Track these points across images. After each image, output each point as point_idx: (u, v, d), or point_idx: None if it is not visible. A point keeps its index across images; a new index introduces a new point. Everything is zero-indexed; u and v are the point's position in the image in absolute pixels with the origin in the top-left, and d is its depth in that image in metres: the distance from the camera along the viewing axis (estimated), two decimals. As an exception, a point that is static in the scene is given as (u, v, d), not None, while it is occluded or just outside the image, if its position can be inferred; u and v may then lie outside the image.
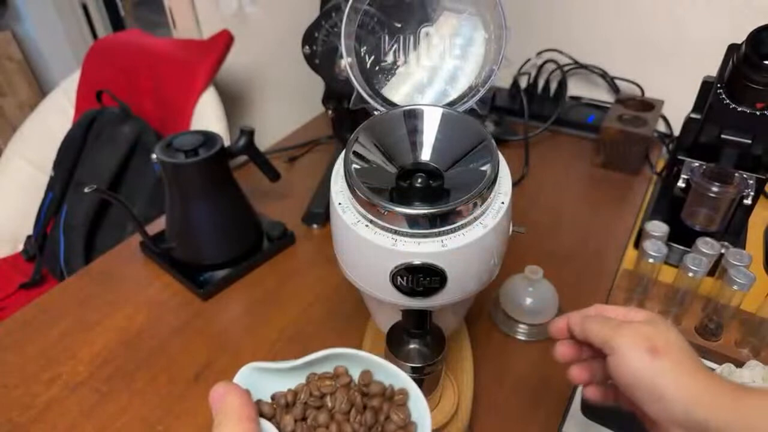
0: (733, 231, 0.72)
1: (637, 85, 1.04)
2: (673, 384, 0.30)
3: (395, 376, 0.33)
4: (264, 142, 1.01)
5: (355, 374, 0.34)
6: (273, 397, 0.33)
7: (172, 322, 0.66)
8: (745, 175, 0.67)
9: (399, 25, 0.45)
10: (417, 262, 0.37)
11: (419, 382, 0.46)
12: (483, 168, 0.38)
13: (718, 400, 0.29)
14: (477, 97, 0.44)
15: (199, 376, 0.60)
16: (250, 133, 0.75)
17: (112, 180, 1.04)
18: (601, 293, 0.68)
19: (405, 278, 0.38)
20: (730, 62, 0.62)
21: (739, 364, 0.57)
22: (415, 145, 0.41)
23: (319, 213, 0.82)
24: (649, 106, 0.97)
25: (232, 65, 1.12)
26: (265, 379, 0.33)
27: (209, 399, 0.30)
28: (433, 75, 0.46)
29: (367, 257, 0.39)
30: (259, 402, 0.32)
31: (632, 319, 0.35)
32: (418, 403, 0.32)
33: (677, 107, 0.94)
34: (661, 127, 1.02)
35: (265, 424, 0.30)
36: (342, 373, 0.34)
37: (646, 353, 0.31)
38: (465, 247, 0.37)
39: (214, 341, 0.64)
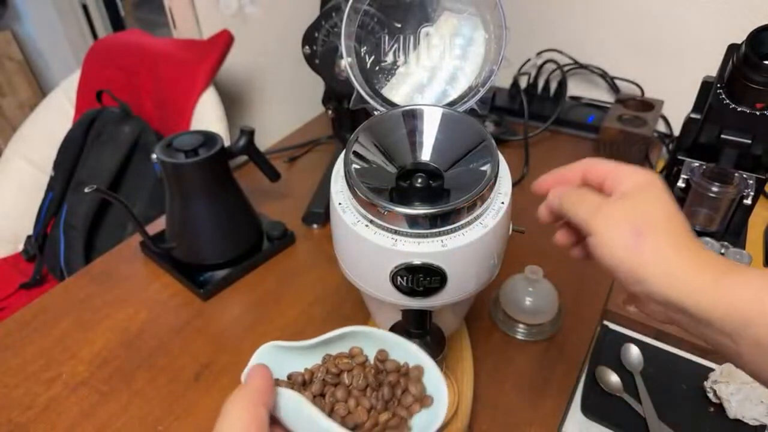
0: (733, 231, 0.72)
1: (637, 85, 1.04)
2: (653, 267, 0.30)
3: (410, 353, 0.34)
4: (264, 142, 1.01)
5: (370, 353, 0.34)
6: (289, 377, 0.33)
7: (172, 322, 0.66)
8: (745, 175, 0.67)
9: (399, 25, 0.45)
10: (417, 262, 0.37)
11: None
12: (483, 168, 0.38)
13: (696, 281, 0.29)
14: (477, 97, 0.44)
15: (199, 376, 0.60)
16: (250, 133, 0.75)
17: (112, 180, 1.04)
18: (601, 293, 0.68)
19: (405, 278, 0.38)
20: (730, 62, 0.62)
21: (739, 364, 0.57)
22: (415, 145, 0.41)
23: (319, 213, 0.82)
24: (649, 106, 0.97)
25: (232, 65, 1.12)
26: (282, 358, 0.34)
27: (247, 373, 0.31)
28: (433, 75, 0.46)
29: (367, 257, 0.39)
30: (276, 381, 0.32)
31: (619, 184, 0.33)
32: (433, 378, 0.33)
33: (677, 107, 0.94)
34: (661, 127, 1.02)
35: (286, 391, 0.30)
36: (357, 353, 0.34)
37: (629, 236, 0.30)
38: (465, 247, 0.37)
39: (214, 341, 0.64)
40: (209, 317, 0.67)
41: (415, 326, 0.44)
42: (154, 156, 0.67)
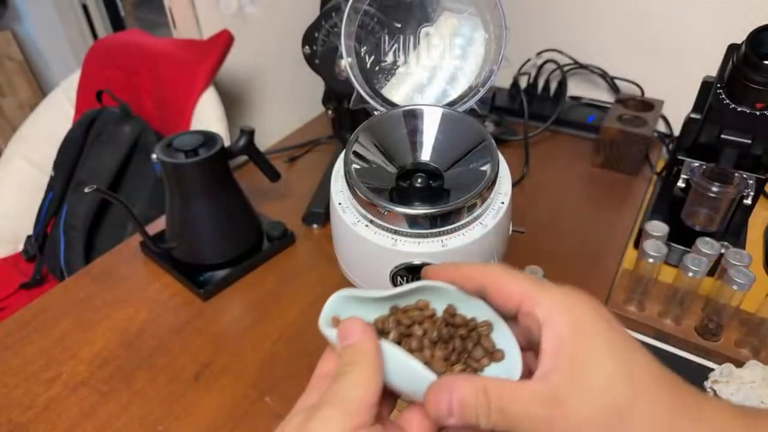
0: (733, 231, 0.72)
1: (637, 85, 1.04)
2: None
3: (478, 308, 0.33)
4: (264, 142, 1.01)
5: (438, 308, 0.33)
6: None
7: (172, 322, 0.66)
8: (744, 175, 0.67)
9: (399, 25, 0.45)
10: (417, 262, 0.37)
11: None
12: (483, 168, 0.38)
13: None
14: (477, 97, 0.44)
15: (199, 376, 0.60)
16: (250, 133, 0.75)
17: (112, 180, 1.04)
18: (601, 293, 0.68)
19: (405, 278, 0.38)
20: (730, 62, 0.62)
21: (739, 364, 0.57)
22: (415, 145, 0.41)
23: (319, 213, 0.82)
24: (649, 106, 0.97)
25: (232, 65, 1.12)
26: (349, 308, 0.33)
27: (339, 328, 0.28)
28: (433, 75, 0.46)
29: (367, 257, 0.39)
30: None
31: (553, 340, 0.26)
32: (502, 334, 0.32)
33: (677, 107, 0.93)
34: (661, 127, 1.02)
35: (389, 346, 0.29)
36: (425, 306, 0.33)
37: None
38: (465, 247, 0.37)
39: (214, 341, 0.64)
40: (209, 317, 0.67)
41: (415, 326, 0.44)
42: (154, 156, 0.67)
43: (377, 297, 0.33)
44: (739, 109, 0.62)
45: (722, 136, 0.65)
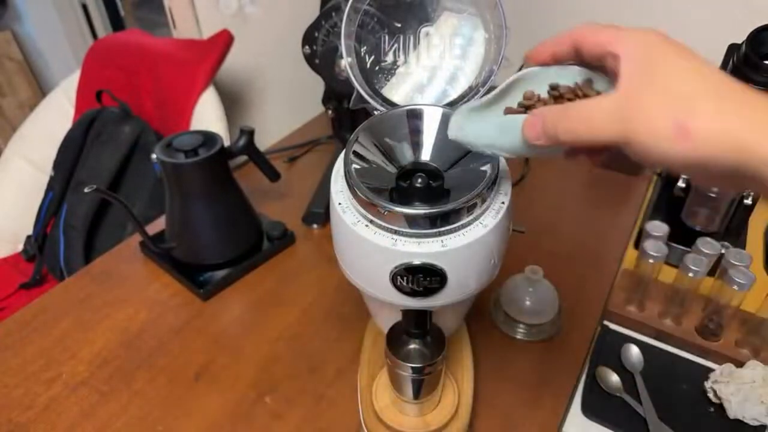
0: (733, 231, 0.72)
1: (637, 85, 1.04)
2: (712, 148, 0.25)
3: (576, 74, 0.35)
4: (264, 142, 1.01)
5: (542, 91, 0.35)
6: None
7: (172, 322, 0.66)
8: (745, 175, 0.67)
9: (399, 25, 0.45)
10: (417, 262, 0.37)
11: (419, 383, 0.46)
12: (483, 168, 0.38)
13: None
14: (477, 97, 0.44)
15: (199, 376, 0.60)
16: (250, 133, 0.75)
17: (112, 180, 1.04)
18: (601, 293, 0.68)
19: (405, 278, 0.38)
20: (730, 62, 0.62)
21: (739, 364, 0.57)
22: (415, 145, 0.41)
23: (319, 213, 0.82)
24: (649, 106, 0.97)
25: (232, 65, 1.12)
26: (469, 120, 0.36)
27: None
28: (433, 75, 0.46)
29: (367, 257, 0.39)
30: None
31: (624, 60, 0.29)
32: (602, 83, 0.34)
33: (677, 107, 0.93)
34: (661, 127, 1.02)
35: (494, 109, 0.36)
36: (531, 94, 0.35)
37: (673, 135, 0.26)
38: (465, 247, 0.37)
39: (214, 341, 0.64)
40: (209, 317, 0.67)
41: (415, 326, 0.44)
42: (154, 156, 0.67)
43: (488, 102, 0.36)
44: (739, 109, 0.62)
45: (722, 136, 0.65)
